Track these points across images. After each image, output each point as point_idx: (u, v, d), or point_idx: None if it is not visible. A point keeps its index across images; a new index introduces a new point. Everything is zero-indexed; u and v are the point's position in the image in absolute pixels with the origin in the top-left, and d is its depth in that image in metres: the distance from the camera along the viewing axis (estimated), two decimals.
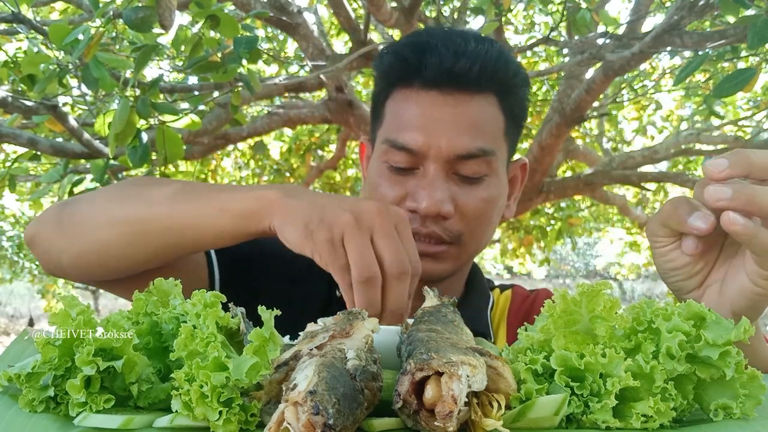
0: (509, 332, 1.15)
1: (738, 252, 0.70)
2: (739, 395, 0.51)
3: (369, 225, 0.73)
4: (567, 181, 4.06)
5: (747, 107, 4.57)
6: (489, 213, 1.05)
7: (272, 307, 0.52)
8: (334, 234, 0.72)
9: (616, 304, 0.53)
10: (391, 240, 0.73)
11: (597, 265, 15.93)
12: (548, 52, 4.71)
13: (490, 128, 1.02)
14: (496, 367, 0.49)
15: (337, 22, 3.79)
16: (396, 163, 1.02)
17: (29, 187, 4.79)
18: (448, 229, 1.02)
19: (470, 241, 1.05)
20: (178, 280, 0.60)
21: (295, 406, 0.42)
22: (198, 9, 1.63)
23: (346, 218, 0.73)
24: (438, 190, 0.99)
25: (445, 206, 0.99)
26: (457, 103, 1.00)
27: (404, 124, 1.02)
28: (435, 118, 1.00)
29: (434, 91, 1.01)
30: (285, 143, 5.41)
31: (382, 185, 1.04)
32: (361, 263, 0.71)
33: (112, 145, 1.70)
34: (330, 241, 0.72)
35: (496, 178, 1.04)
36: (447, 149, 0.99)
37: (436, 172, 0.99)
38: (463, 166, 1.00)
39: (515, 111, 1.06)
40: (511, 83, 1.05)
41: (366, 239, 0.72)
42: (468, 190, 1.02)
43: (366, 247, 0.72)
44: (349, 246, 0.72)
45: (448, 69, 0.99)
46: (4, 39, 2.45)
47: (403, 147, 1.00)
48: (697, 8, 2.26)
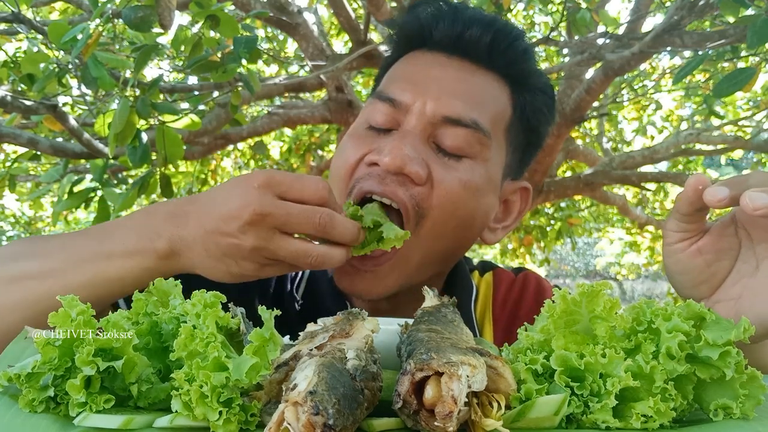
0: (496, 326, 1.06)
1: (757, 273, 0.67)
2: (739, 395, 0.51)
3: (270, 223, 0.72)
4: (567, 181, 4.06)
5: (747, 107, 4.57)
6: (467, 205, 0.89)
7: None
8: (251, 260, 0.74)
9: (616, 304, 0.53)
10: (293, 217, 0.73)
11: (597, 265, 15.92)
12: (548, 52, 4.70)
13: (491, 109, 0.92)
14: (496, 367, 0.49)
15: (337, 22, 3.79)
16: (374, 121, 0.91)
17: (29, 187, 4.79)
18: (412, 193, 0.85)
19: (432, 226, 0.87)
20: (178, 281, 0.60)
21: (295, 406, 0.42)
22: (198, 9, 1.63)
23: (246, 241, 0.72)
24: (407, 146, 0.85)
25: (413, 165, 0.84)
26: (462, 68, 0.93)
27: (397, 77, 0.95)
28: (432, 76, 0.91)
29: (441, 53, 0.94)
30: (285, 143, 5.41)
31: (346, 148, 0.92)
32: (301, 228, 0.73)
33: (111, 145, 1.70)
34: (257, 268, 0.74)
35: (481, 167, 0.90)
36: (434, 107, 0.88)
37: (414, 130, 0.87)
38: (446, 133, 0.88)
39: (526, 113, 0.96)
40: (528, 79, 0.97)
41: (276, 234, 0.72)
42: (447, 163, 0.88)
43: (284, 235, 0.73)
44: (276, 249, 0.73)
45: (458, 34, 0.92)
46: (4, 39, 2.45)
47: (387, 97, 0.90)
48: (697, 8, 2.26)
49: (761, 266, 0.67)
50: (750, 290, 0.67)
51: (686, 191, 0.66)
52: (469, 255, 1.17)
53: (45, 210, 6.30)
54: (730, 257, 0.69)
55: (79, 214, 6.75)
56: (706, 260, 0.69)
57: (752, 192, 0.60)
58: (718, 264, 0.69)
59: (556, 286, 0.57)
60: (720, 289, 0.69)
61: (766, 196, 0.60)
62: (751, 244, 0.68)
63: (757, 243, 0.68)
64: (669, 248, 0.71)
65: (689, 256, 0.69)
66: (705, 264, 0.69)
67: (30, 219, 7.89)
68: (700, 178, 0.65)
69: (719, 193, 0.63)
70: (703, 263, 0.69)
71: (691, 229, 0.69)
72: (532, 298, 1.10)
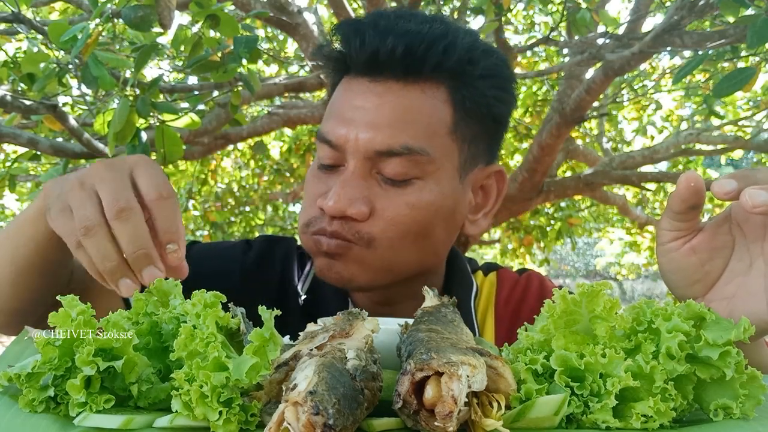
0: (498, 324, 1.06)
1: (750, 271, 0.67)
2: (738, 395, 0.51)
3: (90, 183, 0.68)
4: (567, 181, 4.05)
5: (747, 107, 4.57)
6: (417, 222, 0.90)
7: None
8: (63, 204, 0.68)
9: (616, 304, 0.53)
10: (105, 184, 0.67)
11: (597, 265, 15.93)
12: (548, 52, 4.71)
13: (424, 123, 0.89)
14: (496, 367, 0.49)
15: (337, 22, 3.78)
16: (322, 159, 0.92)
17: (29, 187, 4.79)
18: (356, 231, 0.89)
19: (386, 248, 0.90)
20: (178, 281, 0.60)
21: (295, 406, 0.42)
22: (198, 9, 1.63)
23: (72, 186, 0.68)
24: (348, 189, 0.88)
25: (355, 206, 0.87)
26: (387, 91, 0.88)
27: (330, 115, 0.93)
28: (357, 107, 0.89)
29: (363, 77, 0.90)
30: (285, 143, 5.42)
31: (308, 182, 0.95)
32: (78, 213, 0.66)
33: (111, 144, 1.70)
34: (61, 210, 0.68)
35: (433, 183, 0.90)
36: (364, 143, 0.87)
37: (355, 169, 0.89)
38: (385, 165, 0.88)
39: (467, 104, 0.93)
40: (463, 71, 0.91)
41: (86, 194, 0.67)
42: (391, 192, 0.89)
43: (83, 199, 0.67)
44: (73, 204, 0.67)
45: (371, 51, 0.87)
46: (4, 39, 2.45)
47: (324, 139, 0.90)
48: (697, 8, 2.26)
49: (755, 264, 0.67)
50: (744, 289, 0.67)
51: (678, 189, 0.66)
52: (468, 254, 1.18)
53: None
54: (724, 256, 0.69)
55: None
56: (699, 259, 0.69)
57: (752, 189, 0.60)
58: (712, 263, 0.69)
59: (559, 287, 0.56)
60: (714, 288, 0.69)
61: (765, 193, 0.59)
62: (745, 242, 0.68)
63: (751, 241, 0.67)
64: (662, 247, 0.71)
65: (683, 255, 0.69)
66: (699, 263, 0.69)
67: None
68: (691, 176, 0.65)
69: (727, 186, 0.62)
70: (697, 262, 0.69)
71: (685, 227, 0.68)
72: (535, 297, 1.10)
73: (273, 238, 1.15)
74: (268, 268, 1.08)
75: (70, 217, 0.67)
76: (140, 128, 1.77)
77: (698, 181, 0.65)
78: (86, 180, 0.69)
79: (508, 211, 3.92)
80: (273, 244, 1.12)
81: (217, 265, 1.06)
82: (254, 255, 1.09)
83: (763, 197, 0.59)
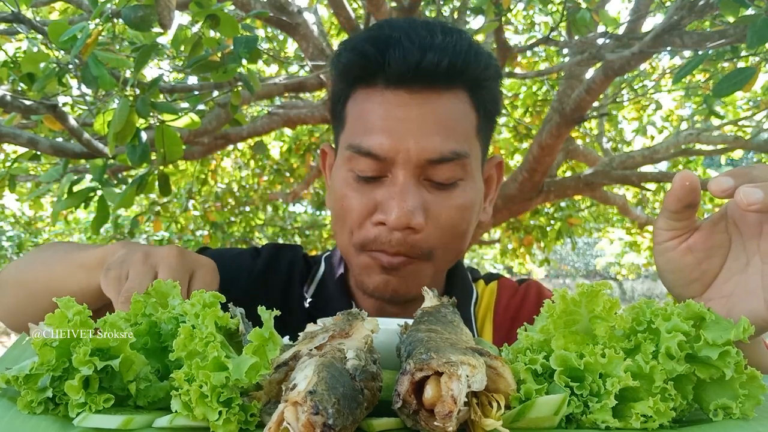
0: (496, 330, 1.09)
1: (747, 269, 0.67)
2: (738, 395, 0.51)
3: (153, 262, 0.75)
4: (567, 181, 4.05)
5: (747, 107, 4.57)
6: (465, 221, 0.97)
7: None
8: (122, 271, 0.75)
9: (615, 304, 0.53)
10: (166, 268, 0.74)
11: (597, 265, 15.93)
12: (548, 52, 4.70)
13: (462, 127, 0.94)
14: (495, 367, 0.49)
15: (337, 22, 3.79)
16: (362, 172, 0.93)
17: (29, 187, 4.79)
18: (418, 247, 0.94)
19: (444, 255, 0.97)
20: (177, 281, 0.60)
21: (294, 406, 0.42)
22: (198, 9, 1.63)
23: (136, 257, 0.75)
24: (409, 199, 0.90)
25: (416, 217, 0.91)
26: (425, 101, 0.92)
27: (368, 127, 0.93)
28: (401, 118, 0.91)
29: (400, 89, 0.92)
30: (285, 143, 5.41)
31: (348, 196, 0.96)
32: (129, 283, 0.72)
33: (111, 144, 1.70)
34: (117, 278, 0.74)
35: (471, 181, 0.96)
36: (416, 153, 0.90)
37: (406, 179, 0.91)
38: (435, 171, 0.92)
39: (488, 107, 0.99)
40: (483, 77, 0.96)
41: (145, 269, 0.74)
42: (442, 197, 0.94)
43: (140, 274, 0.73)
44: (131, 273, 0.74)
45: (414, 65, 0.90)
46: (4, 39, 2.45)
47: (368, 152, 0.92)
48: (697, 8, 2.26)
49: (751, 262, 0.67)
50: (741, 287, 0.67)
51: (674, 188, 0.66)
52: (469, 254, 1.22)
53: (45, 210, 6.30)
54: (720, 254, 0.69)
55: (79, 213, 6.76)
56: (696, 258, 0.69)
57: (746, 187, 0.60)
58: (708, 262, 0.69)
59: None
60: (711, 287, 0.70)
61: (759, 191, 0.60)
62: (742, 241, 0.68)
63: (747, 239, 0.68)
64: (659, 247, 0.71)
65: (680, 254, 0.70)
66: (696, 262, 0.69)
67: (30, 219, 7.89)
68: (686, 175, 0.65)
69: (723, 183, 0.63)
70: (694, 261, 0.69)
71: (681, 226, 0.69)
72: (533, 304, 1.13)
73: (280, 245, 1.18)
74: (274, 273, 1.11)
75: (122, 284, 0.73)
76: (140, 128, 1.77)
77: (693, 180, 0.65)
78: (152, 257, 0.75)
79: (508, 211, 3.92)
80: (280, 250, 1.16)
81: (224, 273, 1.08)
82: (262, 261, 1.12)
83: (758, 195, 0.59)
